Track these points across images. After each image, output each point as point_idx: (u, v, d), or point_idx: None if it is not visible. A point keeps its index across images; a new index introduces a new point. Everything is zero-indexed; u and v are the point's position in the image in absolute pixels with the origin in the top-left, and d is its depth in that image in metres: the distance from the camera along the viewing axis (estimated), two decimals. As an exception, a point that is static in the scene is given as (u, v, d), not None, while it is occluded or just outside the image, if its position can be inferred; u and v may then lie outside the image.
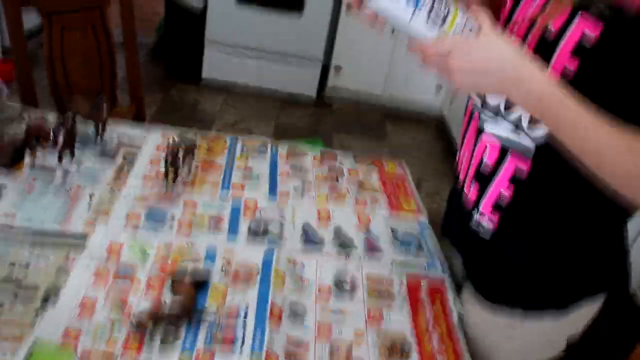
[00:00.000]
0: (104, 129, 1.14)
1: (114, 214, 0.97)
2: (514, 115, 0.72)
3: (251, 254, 0.93)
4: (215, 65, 3.65)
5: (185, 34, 3.80)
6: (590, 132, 0.60)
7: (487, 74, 0.62)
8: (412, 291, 0.92)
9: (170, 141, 1.02)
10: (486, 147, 0.77)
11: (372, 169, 1.28)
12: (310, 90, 3.48)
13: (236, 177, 1.15)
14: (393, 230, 1.07)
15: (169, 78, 3.73)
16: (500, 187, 0.77)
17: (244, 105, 3.30)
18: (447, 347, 0.83)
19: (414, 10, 0.63)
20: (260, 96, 3.41)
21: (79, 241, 0.89)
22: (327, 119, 3.33)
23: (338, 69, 3.45)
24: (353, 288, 0.91)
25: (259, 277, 0.88)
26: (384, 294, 0.91)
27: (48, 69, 1.50)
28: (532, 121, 0.70)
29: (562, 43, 0.63)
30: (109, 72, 1.69)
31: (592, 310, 0.84)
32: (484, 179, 0.79)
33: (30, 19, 1.56)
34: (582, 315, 0.83)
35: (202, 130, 1.30)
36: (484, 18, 0.63)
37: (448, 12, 0.63)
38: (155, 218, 0.98)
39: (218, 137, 1.28)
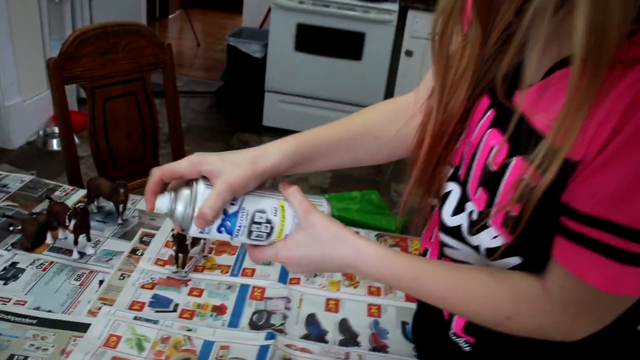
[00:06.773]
0: (123, 211, 1.18)
1: (119, 302, 0.98)
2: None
3: (247, 349, 0.91)
4: (275, 112, 3.73)
5: (246, 82, 3.93)
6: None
7: (311, 264, 0.68)
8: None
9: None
10: None
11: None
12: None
13: (249, 260, 1.14)
14: (404, 324, 1.02)
15: (231, 125, 3.83)
16: None
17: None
18: None
19: (231, 237, 0.67)
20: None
21: (81, 333, 0.91)
22: (387, 168, 3.31)
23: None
24: (348, 393, 0.87)
25: (249, 378, 0.86)
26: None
27: (91, 141, 1.58)
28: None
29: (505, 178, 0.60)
30: (151, 140, 1.75)
31: None
32: None
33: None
34: None
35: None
36: (300, 209, 0.67)
37: (272, 229, 0.67)
38: (159, 305, 0.99)
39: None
